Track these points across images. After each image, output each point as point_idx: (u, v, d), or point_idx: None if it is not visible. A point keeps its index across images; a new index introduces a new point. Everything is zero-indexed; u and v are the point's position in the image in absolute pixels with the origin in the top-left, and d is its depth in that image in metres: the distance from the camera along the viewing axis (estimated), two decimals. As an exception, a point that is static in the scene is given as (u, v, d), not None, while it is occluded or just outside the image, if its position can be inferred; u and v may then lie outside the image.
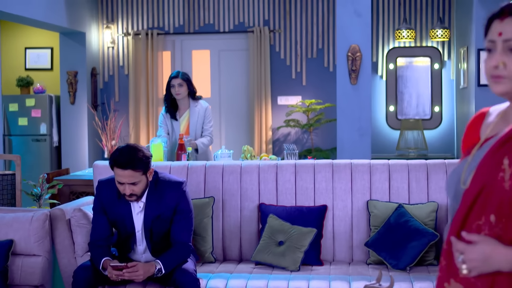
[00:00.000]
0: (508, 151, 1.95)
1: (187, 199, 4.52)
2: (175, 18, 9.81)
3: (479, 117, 2.18)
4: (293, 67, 9.69)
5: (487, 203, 1.94)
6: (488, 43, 2.02)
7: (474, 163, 2.04)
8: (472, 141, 2.14)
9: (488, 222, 1.93)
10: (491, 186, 1.93)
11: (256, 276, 4.71)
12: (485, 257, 1.91)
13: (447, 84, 9.48)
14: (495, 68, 1.97)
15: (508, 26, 1.98)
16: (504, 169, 1.92)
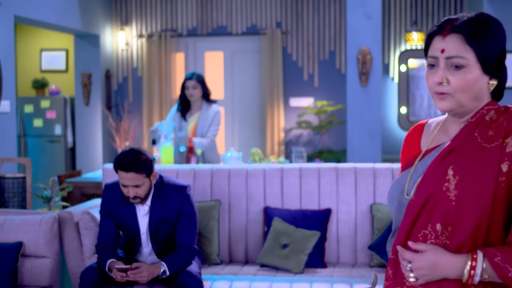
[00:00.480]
0: (452, 161, 2.01)
1: (191, 203, 4.61)
2: (188, 21, 9.90)
3: (418, 129, 2.25)
4: (305, 69, 9.75)
5: (433, 213, 2.00)
6: (430, 59, 2.07)
7: (417, 174, 2.10)
8: (413, 153, 2.20)
9: (434, 231, 2.00)
10: (436, 196, 2.00)
11: (260, 278, 4.80)
12: (432, 265, 1.97)
13: (459, 86, 9.51)
14: (439, 85, 2.03)
15: (450, 43, 2.03)
16: (449, 179, 1.99)
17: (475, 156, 2.00)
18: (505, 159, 1.97)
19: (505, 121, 2.02)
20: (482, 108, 2.06)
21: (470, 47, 2.01)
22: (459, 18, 2.06)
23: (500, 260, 1.92)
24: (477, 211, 1.95)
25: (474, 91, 2.03)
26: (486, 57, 2.02)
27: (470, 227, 1.96)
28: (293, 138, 9.78)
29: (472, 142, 2.03)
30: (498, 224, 1.98)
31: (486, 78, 2.05)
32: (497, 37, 2.04)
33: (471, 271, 1.94)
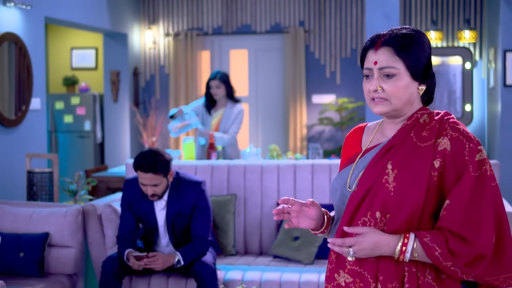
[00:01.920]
0: (391, 157, 2.31)
1: (205, 197, 4.90)
2: (213, 19, 10.18)
3: (359, 131, 2.54)
4: (327, 66, 9.98)
5: (373, 202, 2.29)
6: (365, 70, 2.37)
7: (358, 169, 2.39)
8: (354, 151, 2.49)
9: (373, 218, 2.29)
10: (377, 188, 2.29)
11: (272, 269, 5.08)
12: (373, 245, 2.25)
13: (479, 83, 9.68)
14: (375, 92, 2.33)
15: (381, 55, 2.33)
16: (388, 173, 2.29)
17: (411, 153, 2.29)
18: (437, 156, 2.26)
19: (437, 124, 2.32)
20: (416, 112, 2.36)
21: (399, 57, 2.31)
22: (388, 33, 2.36)
23: (429, 240, 2.21)
24: (412, 201, 2.24)
25: (406, 96, 2.33)
26: (414, 66, 2.32)
27: (405, 215, 2.25)
28: (315, 134, 10.02)
29: (408, 141, 2.32)
30: (429, 212, 2.28)
31: (415, 84, 2.35)
32: (422, 48, 2.35)
33: (402, 248, 2.23)
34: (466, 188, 2.22)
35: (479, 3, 9.61)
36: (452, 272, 2.22)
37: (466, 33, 9.42)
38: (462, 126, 2.33)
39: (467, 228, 2.20)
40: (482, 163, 2.25)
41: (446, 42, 9.67)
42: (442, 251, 2.19)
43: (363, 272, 2.29)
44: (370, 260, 2.29)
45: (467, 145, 2.26)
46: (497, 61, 8.55)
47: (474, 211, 2.21)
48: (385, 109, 2.34)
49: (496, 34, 8.69)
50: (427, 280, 2.25)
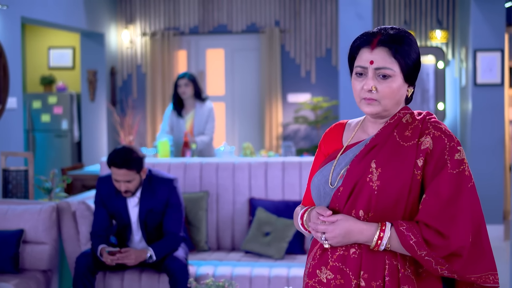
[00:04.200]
0: (375, 156, 2.34)
1: (177, 194, 5.01)
2: (190, 19, 10.27)
3: (339, 127, 2.56)
4: (302, 66, 10.10)
5: (357, 201, 2.33)
6: (358, 68, 2.37)
7: (340, 166, 2.42)
8: (334, 147, 2.52)
9: (357, 216, 2.32)
10: (361, 186, 2.32)
11: (243, 264, 5.20)
12: (345, 232, 2.30)
13: (451, 83, 9.83)
14: (368, 92, 2.34)
15: (378, 55, 2.34)
16: (372, 171, 2.32)
17: (394, 152, 2.33)
18: (420, 155, 2.31)
19: (420, 124, 2.36)
20: (399, 112, 2.40)
21: (395, 59, 2.34)
22: (382, 32, 2.38)
23: (404, 229, 2.25)
24: (395, 199, 2.29)
25: (397, 98, 2.36)
26: (408, 68, 2.35)
27: (388, 213, 2.31)
28: (291, 132, 10.14)
29: (392, 140, 2.36)
30: (411, 210, 2.33)
31: (406, 86, 2.38)
32: (414, 49, 2.38)
33: (380, 234, 2.27)
34: (443, 184, 2.27)
35: (451, 4, 9.77)
36: (426, 262, 2.25)
37: (437, 33, 9.58)
38: (444, 125, 2.37)
39: (442, 222, 2.24)
40: (461, 163, 2.30)
41: (419, 42, 9.82)
42: (417, 240, 2.23)
43: (345, 269, 2.32)
44: (353, 257, 2.32)
45: (448, 144, 2.31)
46: (468, 60, 8.71)
47: (450, 207, 2.26)
48: (375, 109, 2.37)
49: (467, 34, 8.86)
50: (407, 273, 2.30)
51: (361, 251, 2.32)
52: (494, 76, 8.39)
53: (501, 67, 8.40)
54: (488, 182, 8.41)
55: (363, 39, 2.39)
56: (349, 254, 2.33)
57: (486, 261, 2.30)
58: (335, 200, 2.38)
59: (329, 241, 2.32)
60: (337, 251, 2.35)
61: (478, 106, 8.45)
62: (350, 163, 2.39)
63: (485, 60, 8.38)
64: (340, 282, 2.33)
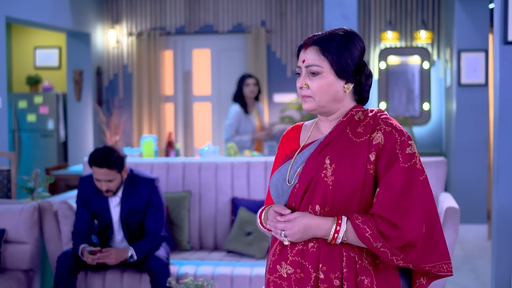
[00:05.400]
0: (329, 152, 2.44)
1: (159, 194, 5.02)
2: (176, 19, 10.28)
3: (297, 129, 2.66)
4: (288, 66, 10.13)
5: (313, 197, 2.41)
6: (297, 68, 2.51)
7: (297, 165, 2.50)
8: (292, 148, 2.61)
9: (314, 211, 2.40)
10: (316, 182, 2.40)
11: (225, 263, 5.21)
12: (304, 228, 2.37)
13: (437, 83, 9.87)
14: (301, 89, 2.47)
15: (308, 54, 2.48)
16: (326, 167, 2.40)
17: (347, 148, 2.42)
18: (372, 150, 2.40)
19: (371, 120, 2.46)
20: (351, 110, 2.51)
21: (324, 56, 2.45)
22: (320, 34, 2.49)
23: (360, 222, 2.34)
24: (350, 193, 2.38)
25: (330, 94, 2.47)
26: (338, 65, 2.45)
27: (344, 207, 2.39)
28: (277, 132, 10.16)
29: (345, 137, 2.45)
30: (366, 204, 2.41)
31: (341, 83, 2.48)
32: (349, 48, 2.47)
33: (337, 227, 2.35)
34: (396, 177, 2.35)
35: (436, 4, 9.81)
36: (382, 253, 2.33)
37: (422, 34, 9.62)
38: (395, 121, 2.47)
39: (396, 214, 2.32)
40: (412, 156, 2.39)
41: (405, 42, 9.86)
42: (372, 232, 2.31)
43: (304, 263, 2.39)
44: (312, 251, 2.39)
45: (398, 139, 2.40)
46: (452, 61, 8.75)
47: (403, 199, 2.34)
48: (311, 105, 2.48)
49: (451, 34, 8.89)
50: (364, 264, 2.37)
51: (319, 245, 2.40)
52: (478, 76, 8.43)
53: (485, 68, 8.44)
54: (472, 182, 8.44)
55: (302, 42, 2.53)
56: (307, 249, 2.41)
57: (439, 251, 2.39)
58: (292, 197, 2.46)
59: (289, 238, 2.40)
60: (296, 246, 2.42)
61: (463, 106, 8.49)
62: (305, 160, 2.48)
63: (469, 61, 8.42)
64: (300, 276, 2.40)
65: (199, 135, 10.41)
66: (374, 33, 9.91)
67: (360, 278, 2.36)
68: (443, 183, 5.63)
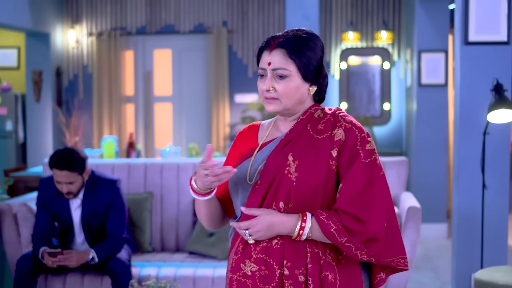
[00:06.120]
0: (291, 149, 2.45)
1: (120, 195, 4.98)
2: (137, 19, 10.21)
3: (254, 128, 2.66)
4: (250, 66, 10.12)
5: (277, 193, 2.42)
6: (260, 70, 2.50)
7: (257, 163, 2.51)
8: (250, 146, 2.61)
9: (277, 208, 2.41)
10: (279, 179, 2.42)
11: (187, 265, 5.18)
12: (268, 226, 2.38)
13: (397, 83, 9.94)
14: (267, 91, 2.47)
15: (275, 57, 2.46)
16: (289, 164, 2.42)
17: (309, 145, 2.44)
18: (334, 146, 2.43)
19: (331, 117, 2.50)
20: (310, 108, 2.53)
21: (291, 60, 2.44)
22: (283, 35, 2.49)
23: (324, 217, 2.36)
24: (313, 189, 2.39)
25: (296, 96, 2.48)
26: (305, 68, 2.46)
27: (307, 203, 2.40)
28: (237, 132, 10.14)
29: (306, 134, 2.47)
30: (329, 199, 2.44)
31: (306, 85, 2.50)
32: (314, 50, 2.49)
33: (302, 224, 2.36)
34: (358, 172, 2.39)
35: (396, 5, 9.88)
36: (347, 248, 2.36)
37: (383, 34, 9.68)
38: (353, 118, 2.51)
39: (359, 209, 2.36)
40: (372, 153, 2.43)
41: (366, 43, 9.91)
42: (337, 227, 2.34)
43: (269, 260, 2.40)
44: (276, 247, 2.40)
45: (359, 135, 2.44)
46: (413, 61, 8.81)
47: (366, 194, 2.38)
48: (276, 108, 2.48)
49: (412, 35, 8.96)
50: (328, 260, 2.40)
51: (283, 241, 2.41)
52: (438, 76, 8.51)
53: (445, 68, 8.52)
54: (432, 181, 8.52)
55: (265, 43, 2.52)
56: (272, 246, 2.41)
57: (397, 246, 2.44)
58: (253, 194, 2.46)
59: (253, 236, 2.40)
60: (260, 243, 2.43)
61: (423, 106, 8.56)
62: (266, 158, 2.49)
63: (429, 61, 8.49)
64: (265, 273, 2.41)
65: (160, 136, 10.36)
66: (335, 33, 9.94)
67: (324, 274, 2.39)
68: (405, 182, 5.66)
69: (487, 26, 5.35)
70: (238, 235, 2.51)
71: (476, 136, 5.38)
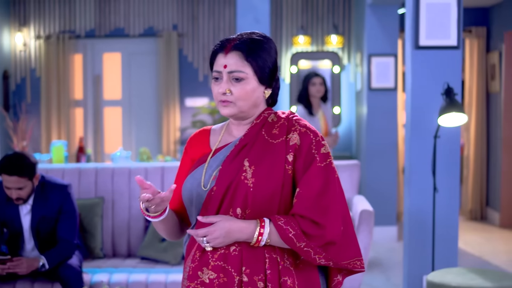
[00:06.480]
0: (246, 155, 2.44)
1: (71, 201, 4.90)
2: (86, 22, 10.10)
3: (205, 133, 2.63)
4: (200, 70, 10.08)
5: (234, 200, 2.40)
6: (215, 73, 2.47)
7: (211, 168, 2.49)
8: (202, 152, 2.58)
9: (235, 215, 2.39)
10: (236, 185, 2.40)
11: (139, 270, 5.12)
12: (226, 232, 2.35)
13: (347, 87, 10.00)
14: (223, 95, 2.44)
15: (231, 60, 2.43)
16: (246, 169, 2.40)
17: (265, 150, 2.43)
18: (290, 151, 2.42)
19: (285, 121, 2.49)
20: (263, 112, 2.52)
21: (248, 62, 2.43)
22: (238, 38, 2.47)
23: (283, 223, 2.34)
24: (270, 195, 2.38)
25: (252, 100, 2.46)
26: (261, 71, 2.45)
27: (264, 209, 2.39)
28: (188, 137, 10.08)
29: (261, 138, 2.46)
30: (286, 205, 2.43)
31: (262, 88, 2.49)
32: (270, 53, 2.49)
33: (260, 230, 2.35)
34: (314, 176, 2.38)
35: (346, 9, 9.94)
36: (305, 253, 2.35)
37: (333, 38, 9.73)
38: (307, 122, 2.51)
39: (317, 213, 2.35)
40: (327, 156, 2.43)
41: (316, 47, 9.95)
42: (296, 233, 2.33)
43: (227, 267, 2.37)
44: (234, 254, 2.38)
45: (313, 139, 2.43)
46: (363, 65, 8.88)
47: (323, 198, 2.37)
48: (232, 111, 2.45)
49: (362, 39, 9.02)
50: (286, 265, 2.39)
51: (241, 248, 2.39)
52: (388, 80, 8.58)
53: (394, 72, 8.60)
54: (382, 185, 8.58)
55: (219, 45, 2.49)
56: (229, 252, 2.39)
57: (353, 248, 2.45)
58: (209, 201, 2.43)
59: (211, 243, 2.37)
60: (218, 250, 2.40)
61: (373, 110, 8.62)
62: (221, 164, 2.46)
63: (379, 65, 8.56)
64: (224, 281, 2.39)
65: (109, 140, 10.25)
66: (286, 37, 9.96)
67: (283, 279, 2.38)
68: (357, 186, 5.69)
69: (438, 30, 5.40)
70: (194, 242, 2.47)
71: (427, 139, 5.43)
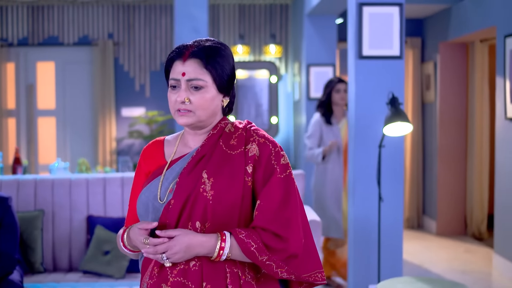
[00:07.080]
0: (204, 166, 2.36)
1: (12, 214, 4.73)
2: (18, 30, 9.87)
3: (158, 144, 2.56)
4: (136, 79, 9.96)
5: (192, 213, 2.32)
6: (172, 80, 2.39)
7: (168, 181, 2.41)
8: (157, 164, 2.51)
9: (194, 228, 2.32)
10: (195, 197, 2.32)
11: (82, 285, 4.99)
12: (186, 247, 2.27)
13: (285, 97, 10.01)
14: (182, 103, 2.36)
15: (189, 67, 2.37)
16: (204, 181, 2.33)
17: (224, 161, 2.36)
18: (249, 162, 2.36)
19: (243, 132, 2.42)
20: (219, 122, 2.45)
21: (207, 70, 2.36)
22: (195, 45, 2.40)
23: (244, 236, 2.28)
24: (230, 207, 2.32)
25: (211, 108, 2.39)
26: (220, 78, 2.39)
27: (224, 222, 2.32)
28: (125, 147, 9.96)
29: (219, 149, 2.39)
30: (246, 217, 2.37)
31: (220, 96, 2.43)
32: (228, 60, 2.43)
33: (222, 244, 2.27)
34: (275, 188, 2.33)
35: (284, 19, 9.95)
36: (267, 266, 2.29)
37: (271, 48, 9.73)
38: (265, 132, 2.45)
39: (279, 225, 2.30)
40: (287, 167, 2.38)
41: (254, 56, 9.93)
42: (258, 246, 2.27)
43: (187, 283, 2.29)
44: (194, 269, 2.30)
45: (273, 150, 2.38)
46: (301, 75, 8.89)
47: (284, 210, 2.32)
48: (190, 120, 2.38)
49: (300, 49, 9.04)
50: (247, 279, 2.33)
51: (201, 262, 2.32)
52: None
53: (333, 82, 8.62)
54: (322, 194, 8.58)
55: (176, 52, 2.41)
56: (189, 268, 2.32)
57: (313, 260, 2.40)
58: (166, 215, 2.35)
59: (171, 259, 2.29)
60: (177, 266, 2.33)
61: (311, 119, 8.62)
62: (178, 176, 2.38)
63: (318, 75, 8.58)
64: None
65: (43, 151, 10.03)
66: (223, 47, 9.91)
67: None
68: (302, 196, 5.67)
69: (381, 40, 5.43)
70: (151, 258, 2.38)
71: (372, 149, 5.44)
